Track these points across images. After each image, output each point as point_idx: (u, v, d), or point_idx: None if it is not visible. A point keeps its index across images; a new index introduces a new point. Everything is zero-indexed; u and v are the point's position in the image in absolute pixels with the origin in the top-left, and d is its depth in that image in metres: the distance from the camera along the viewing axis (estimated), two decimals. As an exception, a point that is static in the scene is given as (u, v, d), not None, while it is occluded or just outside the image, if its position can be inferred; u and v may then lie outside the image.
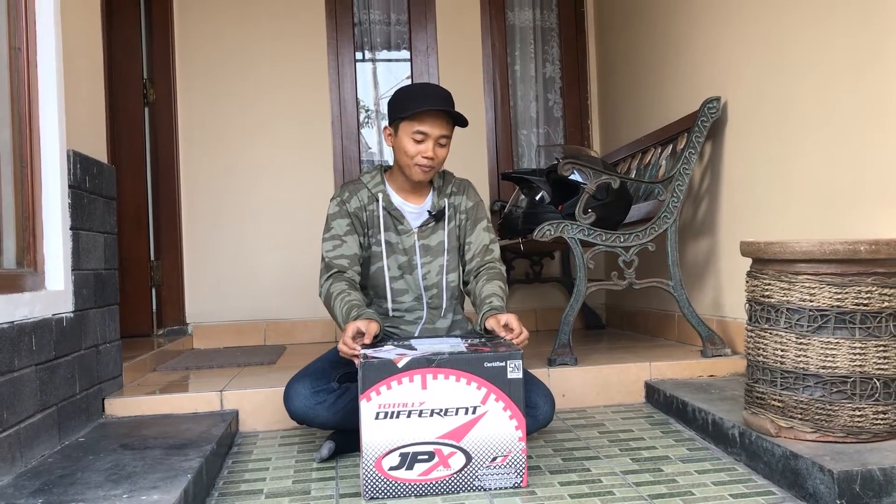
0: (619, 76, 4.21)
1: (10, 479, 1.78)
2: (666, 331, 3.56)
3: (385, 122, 2.35)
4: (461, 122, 2.22)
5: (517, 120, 4.60)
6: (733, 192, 2.98)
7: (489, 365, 1.87)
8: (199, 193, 4.24)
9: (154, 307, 4.11)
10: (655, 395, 2.68)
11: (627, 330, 4.08)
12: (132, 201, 3.99)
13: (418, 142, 2.21)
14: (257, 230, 4.29)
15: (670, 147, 3.25)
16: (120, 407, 2.54)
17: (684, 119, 3.15)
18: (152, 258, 4.14)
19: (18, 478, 1.79)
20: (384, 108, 4.51)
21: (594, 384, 2.77)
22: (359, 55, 4.50)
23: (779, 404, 1.92)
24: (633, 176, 3.54)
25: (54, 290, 2.20)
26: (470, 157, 4.38)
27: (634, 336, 3.80)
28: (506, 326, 2.05)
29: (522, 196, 3.63)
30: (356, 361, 1.93)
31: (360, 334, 2.02)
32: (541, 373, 2.66)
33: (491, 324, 2.08)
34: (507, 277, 2.39)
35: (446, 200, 2.36)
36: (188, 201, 4.23)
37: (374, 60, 4.55)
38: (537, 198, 3.20)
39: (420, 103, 2.19)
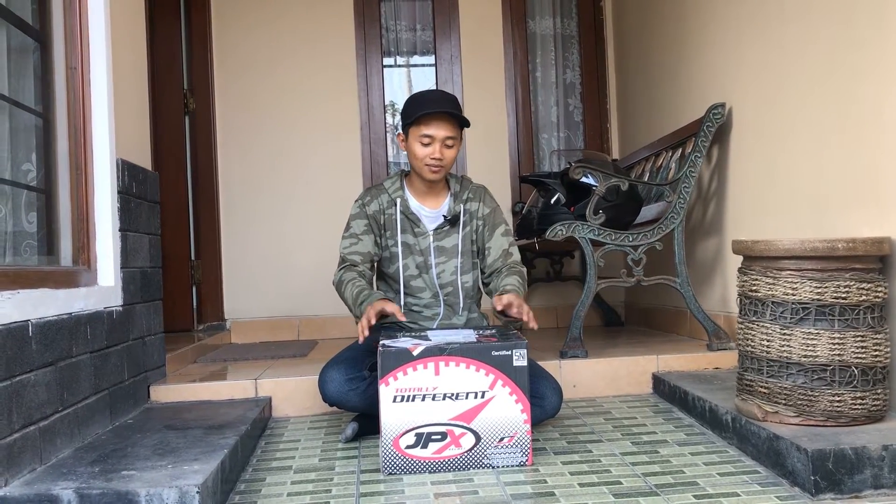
0: (637, 82, 4.36)
1: (71, 452, 2.01)
2: (678, 327, 3.70)
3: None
4: (466, 122, 2.41)
5: (538, 124, 4.77)
6: (738, 194, 3.12)
7: (496, 353, 2.06)
8: (236, 196, 4.49)
9: (194, 304, 4.36)
10: (661, 386, 2.83)
11: (644, 327, 4.23)
12: (174, 204, 4.23)
13: (425, 145, 2.42)
14: (290, 231, 4.52)
15: (679, 151, 3.39)
16: (163, 393, 2.77)
17: (692, 124, 3.29)
18: (193, 258, 4.39)
19: (77, 451, 2.02)
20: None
21: (604, 375, 2.93)
22: (387, 61, 4.70)
23: (765, 391, 2.07)
24: (646, 178, 3.69)
25: (105, 286, 2.43)
26: (492, 160, 4.59)
27: (649, 332, 3.95)
28: (508, 305, 2.22)
29: (541, 198, 3.80)
30: (362, 335, 2.18)
31: (382, 316, 2.25)
32: (552, 365, 2.83)
33: (494, 301, 2.26)
34: (528, 276, 2.57)
35: (462, 206, 2.55)
36: (226, 204, 4.48)
37: (400, 67, 4.76)
38: (553, 200, 3.37)
39: (423, 108, 2.40)
